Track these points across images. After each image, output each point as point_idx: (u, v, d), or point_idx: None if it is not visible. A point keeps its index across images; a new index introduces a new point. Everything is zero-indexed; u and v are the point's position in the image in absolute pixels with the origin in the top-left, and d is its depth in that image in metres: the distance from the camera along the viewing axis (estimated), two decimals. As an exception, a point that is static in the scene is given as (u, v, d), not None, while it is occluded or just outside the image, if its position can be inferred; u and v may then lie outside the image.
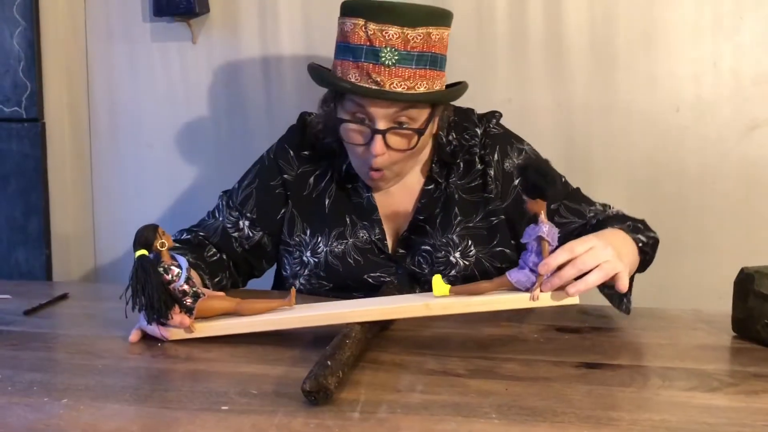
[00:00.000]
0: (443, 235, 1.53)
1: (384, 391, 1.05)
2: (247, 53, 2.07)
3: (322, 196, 1.58)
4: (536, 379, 1.10)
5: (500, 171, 1.54)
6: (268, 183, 1.60)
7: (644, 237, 1.40)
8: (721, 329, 1.33)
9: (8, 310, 1.46)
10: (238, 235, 1.59)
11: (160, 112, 2.13)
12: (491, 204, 1.53)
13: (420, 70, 1.39)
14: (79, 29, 2.14)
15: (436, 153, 1.55)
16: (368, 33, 1.38)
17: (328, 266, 1.55)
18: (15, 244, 2.10)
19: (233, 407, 1.00)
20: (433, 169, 1.54)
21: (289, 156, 1.60)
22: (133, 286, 1.22)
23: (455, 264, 1.52)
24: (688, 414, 0.99)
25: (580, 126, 1.97)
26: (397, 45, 1.37)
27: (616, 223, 1.41)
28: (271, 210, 1.60)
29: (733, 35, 1.90)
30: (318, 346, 1.15)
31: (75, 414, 0.99)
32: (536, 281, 1.18)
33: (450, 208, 1.54)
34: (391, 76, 1.38)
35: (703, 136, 1.94)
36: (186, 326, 1.25)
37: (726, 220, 1.95)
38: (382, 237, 1.55)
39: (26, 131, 2.07)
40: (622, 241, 1.32)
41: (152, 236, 1.24)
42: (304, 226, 1.58)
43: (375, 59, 1.38)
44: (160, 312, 1.22)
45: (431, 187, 1.55)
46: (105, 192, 2.20)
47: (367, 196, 1.56)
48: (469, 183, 1.55)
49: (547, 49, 1.95)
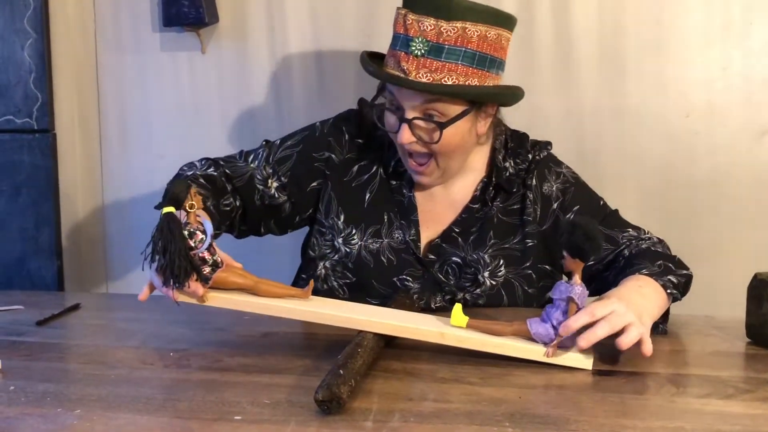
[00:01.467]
0: (474, 251, 1.53)
1: (397, 400, 1.05)
2: (257, 62, 2.08)
3: (364, 188, 1.57)
4: (549, 387, 1.10)
5: (539, 195, 1.54)
6: (311, 153, 1.59)
7: (675, 278, 1.36)
8: (735, 335, 1.32)
9: (21, 320, 1.47)
10: (263, 188, 1.58)
11: (170, 121, 2.14)
12: (528, 227, 1.53)
13: (450, 63, 1.39)
14: (89, 40, 2.15)
15: (494, 176, 1.54)
16: (407, 23, 1.40)
17: (359, 260, 1.54)
18: (27, 254, 2.11)
19: (246, 417, 1.00)
20: (488, 191, 1.54)
21: (342, 138, 1.60)
22: (155, 243, 1.18)
23: (482, 283, 1.51)
24: (703, 421, 0.98)
25: (590, 132, 1.97)
26: (429, 36, 1.38)
27: (646, 263, 1.38)
28: (304, 180, 1.59)
29: (743, 40, 1.89)
30: (330, 355, 1.15)
31: (88, 424, 0.99)
32: (555, 339, 1.18)
33: (487, 229, 1.53)
34: (418, 66, 1.39)
35: (713, 141, 1.93)
36: (198, 296, 1.22)
37: (738, 226, 1.94)
38: (416, 239, 1.54)
39: (37, 142, 2.08)
40: (645, 296, 1.29)
41: (184, 194, 1.19)
42: (339, 211, 1.57)
43: (406, 48, 1.39)
44: (177, 278, 1.19)
45: (477, 206, 1.55)
46: (116, 202, 2.20)
47: (409, 195, 1.56)
48: (510, 206, 1.55)
49: (556, 55, 1.95)
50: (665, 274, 1.35)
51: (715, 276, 1.92)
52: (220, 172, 1.56)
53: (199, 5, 1.98)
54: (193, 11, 1.99)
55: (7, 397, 1.07)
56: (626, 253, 1.48)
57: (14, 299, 1.62)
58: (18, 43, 2.04)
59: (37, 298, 1.67)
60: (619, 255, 1.49)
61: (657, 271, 1.35)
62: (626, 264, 1.43)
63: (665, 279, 1.34)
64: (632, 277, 1.33)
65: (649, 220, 1.74)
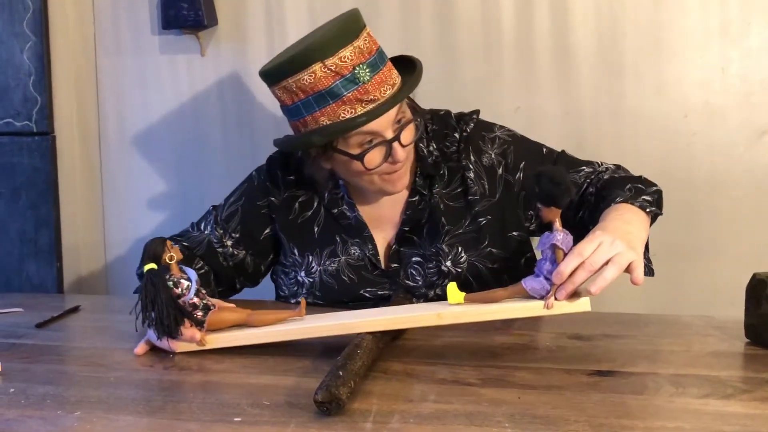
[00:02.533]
0: (432, 244, 1.52)
1: (396, 401, 1.05)
2: (256, 65, 2.06)
3: (311, 223, 1.58)
4: (549, 388, 1.10)
5: (481, 168, 1.54)
6: (255, 203, 1.61)
7: (648, 197, 1.38)
8: (734, 336, 1.32)
9: (20, 323, 1.47)
10: (222, 250, 1.59)
11: (169, 124, 2.14)
12: (477, 205, 1.52)
13: (384, 67, 1.41)
14: (89, 43, 2.15)
15: (419, 165, 1.54)
16: (331, 69, 1.37)
17: (323, 285, 1.55)
18: (26, 257, 2.11)
19: (246, 418, 1.00)
20: (417, 181, 1.54)
21: (277, 179, 1.60)
22: (143, 300, 1.22)
23: (447, 273, 1.51)
24: (702, 421, 0.98)
25: (588, 133, 1.97)
26: (359, 60, 1.38)
27: (616, 191, 1.38)
28: (255, 230, 1.60)
29: (741, 41, 1.90)
30: (329, 356, 1.15)
31: (88, 426, 0.99)
32: (550, 289, 1.18)
33: (436, 218, 1.53)
34: (375, 87, 1.39)
35: (711, 141, 1.93)
36: (197, 341, 1.25)
37: (737, 226, 1.94)
38: (374, 252, 1.55)
39: (36, 145, 2.08)
40: (629, 221, 1.29)
41: (161, 249, 1.24)
42: (291, 247, 1.58)
43: (355, 84, 1.37)
44: (169, 329, 1.22)
45: (415, 198, 1.54)
46: (115, 204, 2.20)
47: (353, 215, 1.56)
48: (452, 190, 1.54)
49: (554, 56, 1.95)
50: (638, 195, 1.37)
51: (713, 276, 1.93)
52: (180, 246, 1.57)
53: (198, 8, 1.98)
54: (192, 14, 1.99)
55: (7, 400, 1.08)
56: (591, 189, 1.49)
57: (13, 302, 1.62)
58: (17, 46, 2.05)
59: (36, 301, 1.67)
60: (584, 194, 1.50)
61: (630, 195, 1.36)
62: (597, 199, 1.44)
63: (640, 200, 1.36)
64: (609, 209, 1.34)
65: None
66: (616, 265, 1.17)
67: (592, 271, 1.17)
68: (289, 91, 1.41)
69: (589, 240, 1.19)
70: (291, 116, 1.45)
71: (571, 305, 1.18)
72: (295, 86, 1.40)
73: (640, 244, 1.25)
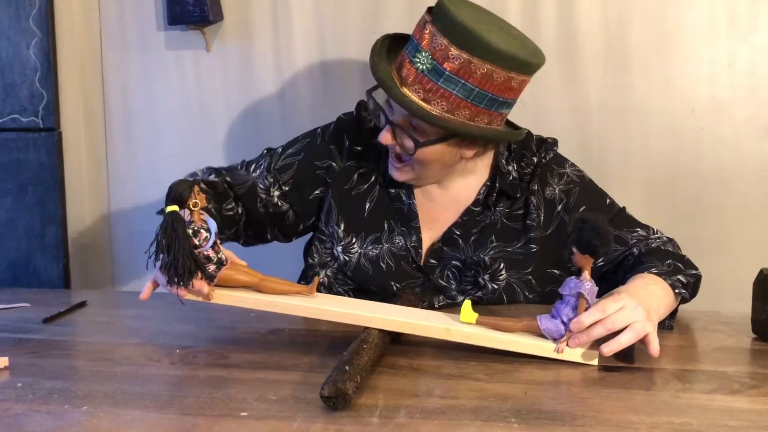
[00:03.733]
0: (475, 252, 1.52)
1: (402, 396, 1.05)
2: (262, 61, 2.08)
3: (364, 198, 1.57)
4: (555, 383, 1.10)
5: (542, 199, 1.53)
6: (313, 162, 1.59)
7: (684, 278, 1.36)
8: (741, 331, 1.32)
9: (27, 318, 1.47)
10: (265, 197, 1.58)
11: (175, 120, 2.14)
12: (532, 232, 1.51)
13: (445, 90, 1.36)
14: (95, 39, 2.15)
15: (498, 180, 1.53)
16: (423, 31, 1.37)
17: (358, 267, 1.54)
18: (33, 252, 2.11)
19: (252, 413, 1.00)
20: (490, 195, 1.53)
21: (343, 146, 1.59)
22: (159, 242, 1.19)
23: (483, 286, 1.50)
24: (709, 417, 0.98)
25: (595, 128, 1.96)
26: (436, 56, 1.35)
27: (655, 261, 1.37)
28: (307, 189, 1.59)
29: (748, 35, 1.89)
30: (335, 351, 1.15)
31: (95, 421, 0.99)
32: (565, 335, 1.18)
33: (488, 232, 1.52)
34: (415, 80, 1.38)
35: (719, 137, 1.93)
36: (204, 294, 1.23)
37: (744, 221, 1.93)
38: (417, 245, 1.54)
39: (43, 140, 2.08)
40: (653, 293, 1.28)
41: (188, 193, 1.20)
42: (339, 220, 1.56)
43: (413, 56, 1.38)
44: (182, 278, 1.20)
45: (478, 209, 1.54)
46: (121, 200, 2.20)
47: (408, 203, 1.55)
48: (513, 211, 1.54)
49: (561, 51, 1.95)
50: (674, 273, 1.35)
51: (720, 271, 1.92)
52: (222, 179, 1.57)
53: (203, 3, 1.98)
54: (198, 10, 1.99)
55: (15, 394, 1.08)
56: (635, 252, 1.47)
57: (21, 297, 1.63)
58: (23, 42, 2.05)
59: (43, 296, 1.68)
60: (628, 255, 1.47)
61: (666, 270, 1.34)
62: (635, 263, 1.42)
63: (674, 278, 1.33)
64: (641, 275, 1.33)
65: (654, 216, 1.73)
66: (633, 333, 1.18)
67: (611, 331, 1.17)
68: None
69: (614, 300, 1.20)
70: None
71: (581, 357, 1.18)
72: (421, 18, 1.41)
73: (656, 317, 1.25)
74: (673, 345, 1.28)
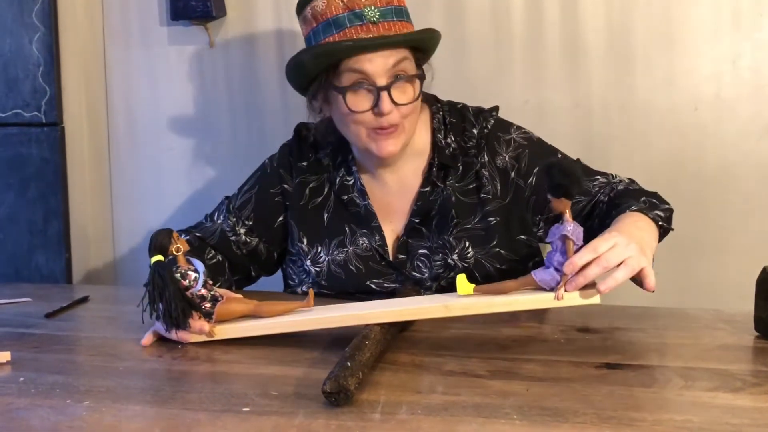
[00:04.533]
0: (439, 237, 1.52)
1: (404, 392, 1.05)
2: (264, 56, 2.08)
3: (320, 209, 1.58)
4: (557, 380, 1.10)
5: (495, 169, 1.53)
6: (268, 190, 1.61)
7: (661, 212, 1.39)
8: (743, 329, 1.32)
9: (29, 313, 1.48)
10: (235, 238, 1.60)
11: (178, 115, 2.14)
12: (489, 205, 1.52)
13: (399, 22, 1.42)
14: (97, 34, 2.15)
15: (436, 155, 1.53)
16: (344, 1, 1.40)
17: (330, 275, 1.55)
18: (35, 247, 2.11)
19: (254, 409, 1.00)
20: (432, 172, 1.53)
21: (289, 166, 1.61)
22: (150, 293, 1.22)
23: (453, 266, 1.50)
24: (711, 414, 0.98)
25: (598, 126, 1.96)
26: (373, 3, 1.40)
27: (631, 201, 1.39)
28: (269, 218, 1.61)
29: (752, 33, 1.88)
30: (337, 347, 1.15)
31: (97, 416, 0.99)
32: (561, 280, 1.17)
33: (447, 210, 1.52)
34: (379, 30, 1.40)
35: (722, 135, 1.92)
36: (206, 332, 1.25)
37: (747, 219, 1.93)
38: (382, 243, 1.54)
39: (45, 136, 2.08)
40: (642, 228, 1.31)
41: (167, 241, 1.24)
42: (301, 235, 1.58)
43: (360, 20, 1.40)
44: (178, 321, 1.22)
45: (427, 189, 1.54)
46: (124, 195, 2.21)
47: (363, 204, 1.55)
48: (466, 185, 1.54)
49: (564, 48, 1.94)
50: (652, 208, 1.38)
51: (723, 269, 1.92)
52: (192, 236, 1.58)
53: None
54: (201, 5, 1.99)
55: (17, 389, 1.08)
56: (603, 198, 1.49)
57: (23, 292, 1.63)
58: (26, 36, 2.05)
59: (45, 291, 1.68)
60: (596, 202, 1.50)
61: (644, 207, 1.37)
62: (609, 207, 1.44)
63: (654, 213, 1.36)
64: (624, 215, 1.35)
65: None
66: (628, 268, 1.18)
67: (606, 268, 1.17)
68: (306, 21, 1.45)
69: (604, 238, 1.20)
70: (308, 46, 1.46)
71: (581, 298, 1.18)
72: (310, 14, 1.44)
73: (650, 252, 1.26)
74: (676, 343, 1.28)
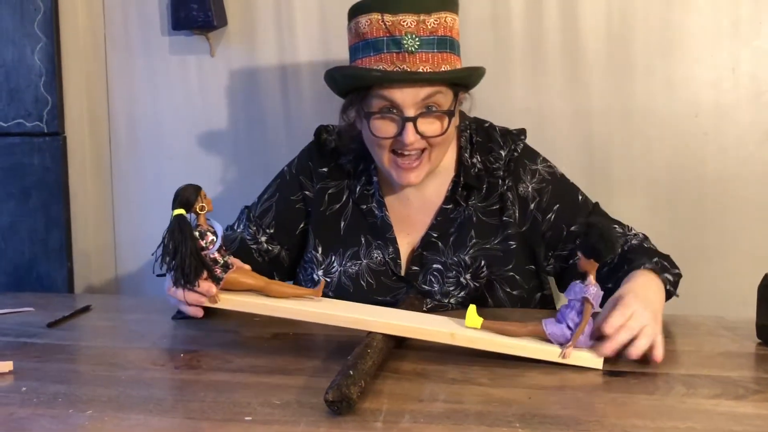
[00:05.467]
0: (455, 253, 1.52)
1: (406, 401, 1.05)
2: (265, 65, 2.08)
3: (338, 216, 1.58)
4: (560, 388, 1.10)
5: (516, 196, 1.54)
6: (289, 197, 1.61)
7: (671, 276, 1.38)
8: (745, 336, 1.32)
9: (31, 322, 1.47)
10: (256, 247, 1.60)
11: (180, 124, 2.14)
12: (510, 228, 1.52)
13: (441, 53, 1.41)
14: (99, 44, 2.16)
15: (461, 174, 1.54)
16: (386, 25, 1.39)
17: (339, 286, 1.55)
18: (37, 257, 2.11)
19: (256, 417, 1.00)
20: (456, 190, 1.53)
21: (310, 172, 1.61)
22: (166, 245, 1.21)
23: (465, 286, 1.51)
24: (714, 422, 0.98)
25: (598, 133, 1.96)
26: (416, 31, 1.38)
27: (644, 258, 1.38)
28: (291, 225, 1.61)
29: (752, 40, 1.89)
30: (339, 355, 1.15)
31: (99, 425, 0.99)
32: (570, 339, 1.17)
33: (466, 229, 1.53)
34: (415, 61, 1.39)
35: (722, 141, 1.92)
36: (211, 295, 1.24)
37: (748, 226, 1.93)
38: (395, 256, 1.54)
39: (47, 145, 2.08)
40: (655, 293, 1.30)
41: (194, 197, 1.23)
42: (316, 243, 1.58)
43: (398, 48, 1.39)
44: (188, 277, 1.21)
45: (450, 206, 1.54)
46: (126, 205, 2.21)
47: (380, 215, 1.56)
48: (489, 206, 1.54)
49: (564, 55, 1.95)
50: (663, 271, 1.37)
51: (725, 276, 1.92)
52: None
53: (207, 9, 1.98)
54: (202, 15, 1.99)
55: (19, 398, 1.08)
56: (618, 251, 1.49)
57: (25, 301, 1.63)
58: (28, 46, 2.05)
59: (47, 300, 1.68)
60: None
61: (657, 268, 1.36)
62: (621, 260, 1.43)
63: (664, 276, 1.36)
64: (637, 272, 1.34)
65: (657, 221, 1.73)
66: (648, 338, 1.18)
67: (633, 335, 1.17)
68: (351, 32, 1.46)
69: (626, 305, 1.20)
70: (349, 59, 1.47)
71: (585, 360, 1.18)
72: (354, 29, 1.44)
73: (660, 319, 1.25)
74: (678, 350, 1.28)
